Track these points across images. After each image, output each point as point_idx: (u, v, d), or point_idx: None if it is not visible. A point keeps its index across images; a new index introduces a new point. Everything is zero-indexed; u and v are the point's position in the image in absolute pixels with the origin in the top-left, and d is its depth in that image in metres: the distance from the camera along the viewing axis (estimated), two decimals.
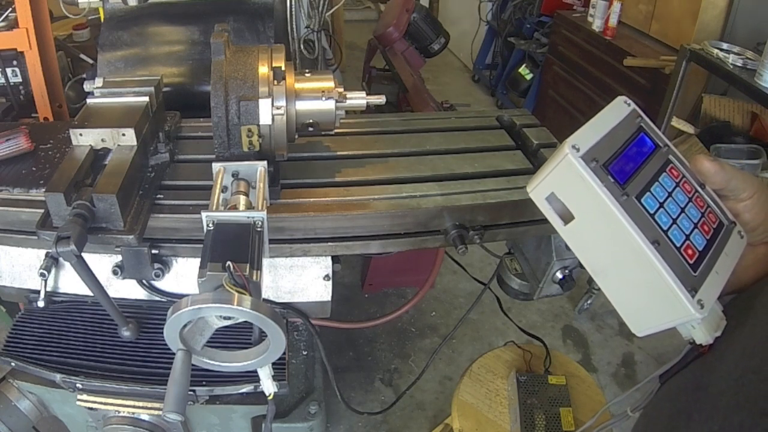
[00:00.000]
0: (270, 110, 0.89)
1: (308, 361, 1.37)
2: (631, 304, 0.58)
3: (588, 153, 0.55)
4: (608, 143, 0.58)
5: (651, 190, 0.57)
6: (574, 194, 0.57)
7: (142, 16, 1.47)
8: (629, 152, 0.59)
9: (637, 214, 0.55)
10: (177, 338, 0.70)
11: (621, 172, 0.56)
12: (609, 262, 0.57)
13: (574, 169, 0.55)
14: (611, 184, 0.55)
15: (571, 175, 0.55)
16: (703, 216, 0.59)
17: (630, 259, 0.55)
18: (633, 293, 0.57)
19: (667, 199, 0.58)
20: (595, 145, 0.56)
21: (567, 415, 1.42)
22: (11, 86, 1.54)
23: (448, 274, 2.76)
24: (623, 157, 0.58)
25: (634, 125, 0.61)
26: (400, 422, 2.16)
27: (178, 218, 0.95)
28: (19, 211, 0.95)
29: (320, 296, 1.10)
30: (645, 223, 0.54)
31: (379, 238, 1.01)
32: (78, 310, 1.11)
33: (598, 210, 0.55)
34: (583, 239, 0.59)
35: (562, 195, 0.57)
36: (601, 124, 0.59)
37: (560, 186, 0.58)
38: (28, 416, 1.15)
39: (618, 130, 0.59)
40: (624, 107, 0.61)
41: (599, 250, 0.58)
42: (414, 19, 2.96)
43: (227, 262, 0.70)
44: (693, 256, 0.56)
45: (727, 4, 2.68)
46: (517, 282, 1.25)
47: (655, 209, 0.56)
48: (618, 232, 0.54)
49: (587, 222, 0.57)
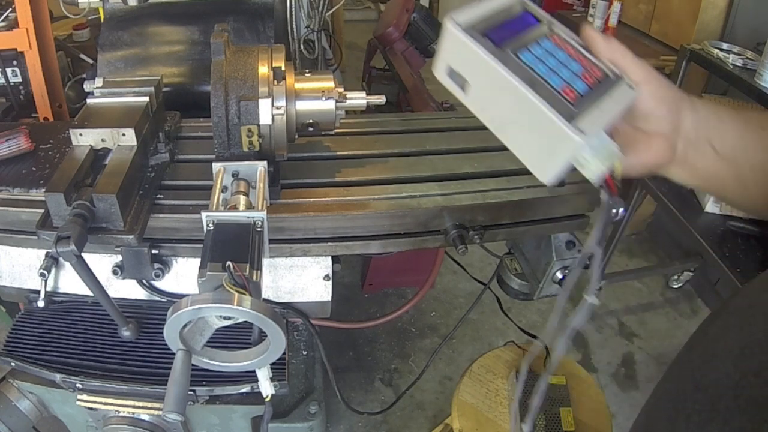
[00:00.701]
0: (270, 110, 0.90)
1: (308, 361, 1.37)
2: (530, 152, 0.62)
3: (468, 23, 0.60)
4: (487, 19, 0.62)
5: (529, 48, 0.61)
6: (462, 60, 0.61)
7: (142, 16, 1.47)
8: (510, 24, 0.63)
9: (513, 64, 0.59)
10: (177, 338, 0.70)
11: (498, 37, 0.60)
12: (503, 116, 0.62)
13: (454, 36, 0.60)
14: (487, 44, 0.59)
15: (455, 43, 0.60)
16: (586, 70, 0.62)
17: (515, 106, 0.59)
18: (527, 140, 0.61)
19: (547, 56, 0.61)
20: (475, 19, 0.61)
21: (567, 415, 1.42)
22: (11, 86, 1.54)
23: (448, 274, 2.76)
24: (501, 28, 0.62)
25: (516, 9, 0.65)
26: (400, 422, 2.16)
27: (178, 218, 0.95)
28: (19, 211, 0.96)
29: (320, 296, 1.10)
30: (521, 70, 0.58)
31: (379, 238, 1.01)
32: (78, 310, 1.11)
33: (480, 68, 0.59)
34: (480, 102, 0.63)
35: (455, 64, 0.62)
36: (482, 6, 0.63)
37: (451, 57, 0.62)
38: (28, 416, 1.15)
39: (498, 11, 0.63)
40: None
41: (493, 108, 0.62)
42: (414, 19, 2.96)
43: (227, 262, 0.70)
44: (574, 97, 0.58)
45: (727, 4, 2.68)
46: (517, 282, 1.25)
47: (532, 61, 0.60)
48: (499, 81, 0.58)
49: (479, 83, 0.61)
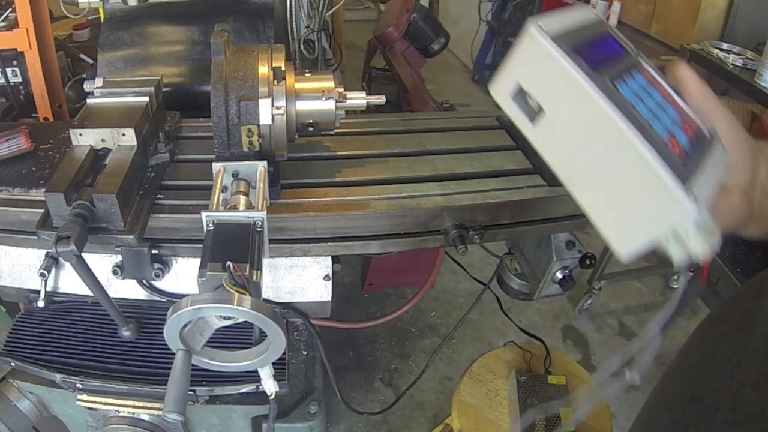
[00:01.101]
0: (270, 110, 0.90)
1: (308, 361, 1.37)
2: (612, 213, 0.49)
3: (558, 36, 0.48)
4: (576, 33, 0.51)
5: (625, 79, 0.50)
6: (542, 80, 0.49)
7: (142, 16, 1.46)
8: (600, 47, 0.52)
9: (615, 97, 0.47)
10: (177, 338, 0.70)
11: (593, 60, 0.49)
12: (585, 160, 0.49)
13: (542, 47, 0.47)
14: (582, 63, 0.47)
15: (539, 55, 0.48)
16: (682, 117, 0.52)
17: (610, 151, 0.47)
18: (614, 197, 0.48)
19: (645, 94, 0.50)
20: (563, 30, 0.50)
21: (567, 415, 1.42)
22: (11, 86, 1.54)
23: (448, 274, 2.76)
24: (594, 47, 0.51)
25: (602, 29, 0.55)
26: (400, 422, 2.16)
27: (178, 218, 0.95)
28: (19, 211, 0.95)
29: (320, 296, 1.10)
30: (624, 106, 0.46)
31: (379, 238, 1.01)
32: (78, 310, 1.11)
33: (570, 93, 0.47)
34: (555, 137, 0.50)
35: (529, 84, 0.50)
36: (567, 16, 0.52)
37: (526, 73, 0.50)
38: (28, 416, 1.15)
39: (585, 27, 0.53)
40: (590, 14, 0.55)
41: (574, 148, 0.49)
42: (414, 19, 2.96)
43: (227, 262, 0.70)
44: (679, 152, 0.47)
45: (727, 4, 2.68)
46: (517, 282, 1.25)
47: (633, 99, 0.48)
48: (595, 116, 0.46)
49: (559, 113, 0.49)
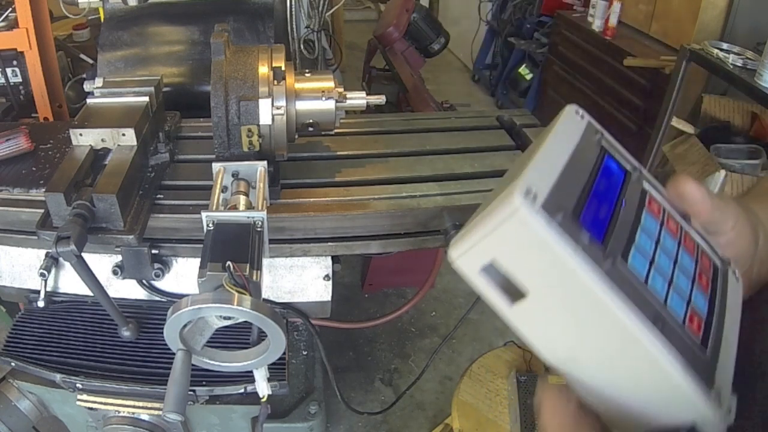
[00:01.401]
0: (270, 110, 0.89)
1: (308, 361, 1.37)
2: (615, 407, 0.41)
3: (550, 200, 0.37)
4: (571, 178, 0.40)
5: (636, 243, 0.41)
6: (529, 263, 0.38)
7: (142, 16, 1.46)
8: (599, 188, 0.42)
9: (629, 286, 0.38)
10: (177, 338, 0.70)
11: (596, 223, 0.39)
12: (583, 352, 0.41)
13: (533, 229, 0.36)
14: (588, 246, 0.37)
15: (527, 238, 0.37)
16: (697, 263, 0.44)
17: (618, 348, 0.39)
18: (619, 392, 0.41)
19: (656, 251, 0.42)
20: (557, 185, 0.39)
21: None
22: (11, 86, 1.54)
23: (448, 274, 2.76)
24: (594, 198, 0.41)
25: (595, 146, 0.45)
26: (400, 422, 2.16)
27: (178, 218, 0.95)
28: (19, 211, 0.96)
29: (320, 296, 1.10)
30: (640, 297, 0.38)
31: (379, 238, 1.01)
32: (78, 310, 1.11)
33: (568, 285, 0.37)
34: (542, 323, 0.41)
35: (510, 264, 0.39)
36: (557, 151, 0.41)
37: (508, 252, 0.39)
38: (28, 416, 1.15)
39: (579, 156, 0.42)
40: (577, 120, 0.45)
41: (568, 338, 0.41)
42: (414, 19, 2.96)
43: (227, 262, 0.70)
44: (699, 327, 0.41)
45: (727, 4, 2.68)
46: None
47: (646, 271, 0.40)
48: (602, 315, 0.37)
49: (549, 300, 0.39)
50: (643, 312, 0.37)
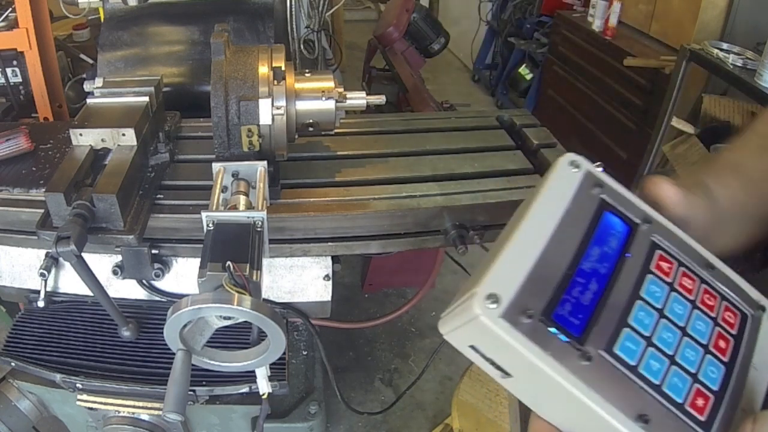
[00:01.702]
0: (270, 110, 0.89)
1: (308, 361, 1.37)
2: None
3: (515, 303, 0.37)
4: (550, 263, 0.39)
5: (630, 324, 0.39)
6: (504, 356, 0.39)
7: (142, 16, 1.46)
8: (586, 264, 0.40)
9: (610, 381, 0.37)
10: (177, 338, 0.70)
11: (576, 314, 0.38)
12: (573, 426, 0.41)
13: (495, 335, 0.37)
14: (560, 348, 0.37)
15: (493, 340, 0.37)
16: (715, 325, 0.41)
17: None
18: None
19: (659, 324, 0.40)
20: (527, 282, 0.38)
21: None
22: (11, 86, 1.54)
23: (448, 274, 2.75)
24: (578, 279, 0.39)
25: (592, 203, 0.42)
26: (400, 422, 2.16)
27: (178, 218, 0.95)
28: (19, 211, 0.96)
29: (320, 296, 1.10)
30: (623, 390, 0.37)
31: (379, 238, 1.01)
32: (78, 310, 1.11)
33: (544, 381, 0.38)
34: (531, 398, 0.43)
35: (488, 352, 0.40)
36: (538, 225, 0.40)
37: (483, 343, 0.40)
38: (28, 416, 1.15)
39: (567, 224, 0.40)
40: (572, 174, 0.42)
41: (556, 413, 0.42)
42: (414, 19, 2.96)
43: (227, 262, 0.70)
44: (704, 407, 0.38)
45: (727, 4, 2.68)
46: None
47: (639, 356, 0.38)
48: (582, 411, 0.37)
49: (532, 386, 0.40)
50: (623, 407, 0.36)
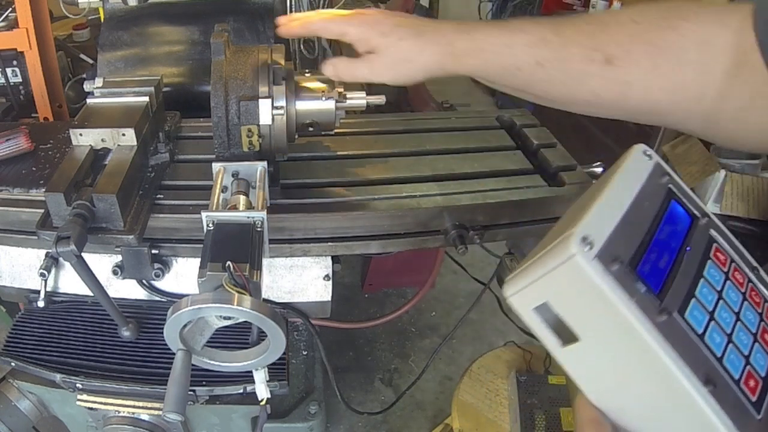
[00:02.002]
0: (270, 110, 0.90)
1: (308, 361, 1.37)
2: None
3: (606, 249, 0.37)
4: (631, 225, 0.40)
5: (696, 295, 0.40)
6: (581, 310, 0.39)
7: (142, 16, 1.46)
8: (661, 236, 0.41)
9: (683, 341, 0.38)
10: (177, 338, 0.70)
11: (654, 274, 0.39)
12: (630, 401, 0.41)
13: (586, 278, 0.37)
14: (643, 298, 0.37)
15: (581, 285, 0.37)
16: (762, 320, 0.43)
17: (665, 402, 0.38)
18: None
19: (718, 305, 0.41)
20: (615, 233, 0.39)
21: (567, 415, 1.42)
22: (11, 86, 1.54)
23: (448, 274, 2.76)
24: (655, 246, 0.40)
25: (661, 190, 0.44)
26: (400, 422, 2.16)
27: (178, 218, 0.95)
28: (19, 211, 0.95)
29: (320, 296, 1.10)
30: (693, 352, 0.38)
31: (379, 238, 1.01)
32: (78, 310, 1.11)
33: (620, 336, 0.38)
34: (591, 368, 0.42)
35: (563, 308, 0.40)
36: (619, 195, 0.41)
37: (560, 296, 0.40)
38: (28, 416, 1.15)
39: (642, 202, 0.42)
40: (644, 161, 0.44)
41: (616, 386, 0.41)
42: None
43: (227, 262, 0.70)
44: (755, 388, 0.39)
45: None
46: None
47: (704, 326, 0.39)
48: (652, 369, 0.37)
49: (599, 348, 0.40)
50: (693, 368, 0.37)
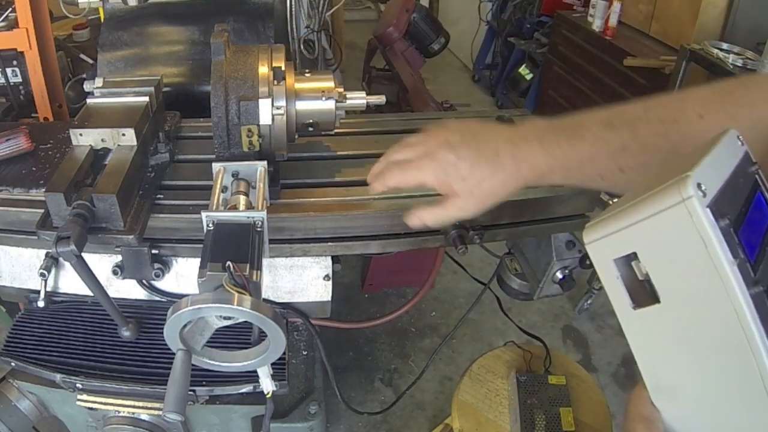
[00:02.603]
0: (270, 110, 0.89)
1: (308, 361, 1.37)
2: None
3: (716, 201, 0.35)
4: (734, 191, 0.38)
5: None
6: (675, 265, 0.35)
7: (142, 16, 1.46)
8: (752, 216, 0.39)
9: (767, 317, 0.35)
10: (177, 338, 0.70)
11: (750, 245, 0.37)
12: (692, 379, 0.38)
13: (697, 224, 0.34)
14: (743, 264, 0.35)
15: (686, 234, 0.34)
16: None
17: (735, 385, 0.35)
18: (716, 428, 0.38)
19: None
20: (722, 191, 0.36)
21: (567, 415, 1.42)
22: (11, 86, 1.54)
23: (448, 274, 2.76)
24: (749, 222, 0.38)
25: (750, 176, 0.42)
26: (400, 422, 2.16)
27: (178, 218, 0.95)
28: (19, 211, 0.95)
29: (320, 296, 1.09)
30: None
31: (379, 238, 1.01)
32: (78, 310, 1.11)
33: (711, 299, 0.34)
34: (660, 336, 0.39)
35: (652, 262, 0.36)
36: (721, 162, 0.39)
37: (654, 246, 0.36)
38: (28, 416, 1.15)
39: (738, 177, 0.39)
40: (738, 146, 0.42)
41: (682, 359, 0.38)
42: (414, 19, 2.96)
43: (227, 262, 0.70)
44: None
45: (727, 4, 2.68)
46: (517, 282, 1.25)
47: None
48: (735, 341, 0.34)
49: (680, 312, 0.36)
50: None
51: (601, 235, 0.39)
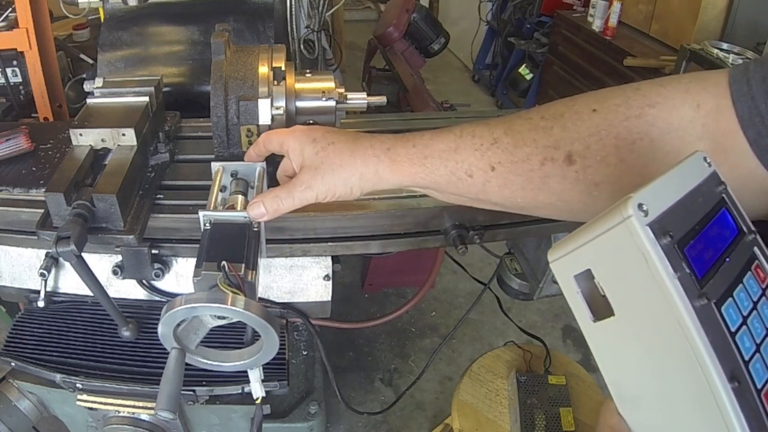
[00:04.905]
0: (270, 110, 0.89)
1: (308, 361, 1.37)
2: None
3: (660, 220, 0.38)
4: (685, 211, 0.40)
5: (734, 296, 0.40)
6: (623, 279, 0.39)
7: (142, 16, 1.47)
8: (709, 232, 0.41)
9: (716, 332, 0.37)
10: (171, 337, 0.70)
11: (699, 260, 0.39)
12: (650, 389, 0.41)
13: (637, 241, 0.37)
14: (687, 277, 0.37)
15: (629, 250, 0.37)
16: None
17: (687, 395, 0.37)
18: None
19: (752, 313, 0.41)
20: (670, 212, 0.39)
21: (567, 415, 1.42)
22: (11, 86, 1.54)
23: (448, 274, 2.76)
24: (702, 238, 0.40)
25: (715, 195, 0.44)
26: (400, 422, 2.16)
27: (178, 218, 0.95)
28: (19, 211, 0.95)
29: (320, 296, 1.09)
30: (724, 346, 0.37)
31: (379, 238, 1.01)
32: (78, 310, 1.11)
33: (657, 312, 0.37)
34: (618, 348, 0.42)
35: (604, 277, 0.40)
36: (676, 182, 0.41)
37: (604, 263, 0.39)
38: (28, 416, 1.15)
39: (696, 197, 0.42)
40: (703, 167, 0.44)
41: (639, 369, 0.41)
42: (414, 19, 2.96)
43: (222, 262, 0.70)
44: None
45: (727, 4, 2.68)
46: (517, 282, 1.25)
47: (737, 326, 0.39)
48: (681, 353, 0.37)
49: (633, 325, 0.39)
50: (722, 360, 0.36)
51: (562, 253, 0.42)
